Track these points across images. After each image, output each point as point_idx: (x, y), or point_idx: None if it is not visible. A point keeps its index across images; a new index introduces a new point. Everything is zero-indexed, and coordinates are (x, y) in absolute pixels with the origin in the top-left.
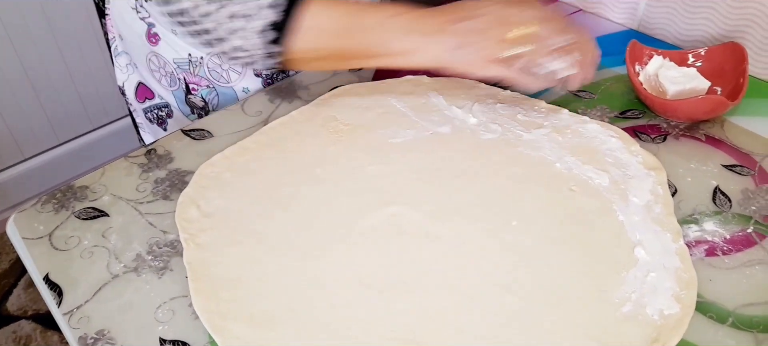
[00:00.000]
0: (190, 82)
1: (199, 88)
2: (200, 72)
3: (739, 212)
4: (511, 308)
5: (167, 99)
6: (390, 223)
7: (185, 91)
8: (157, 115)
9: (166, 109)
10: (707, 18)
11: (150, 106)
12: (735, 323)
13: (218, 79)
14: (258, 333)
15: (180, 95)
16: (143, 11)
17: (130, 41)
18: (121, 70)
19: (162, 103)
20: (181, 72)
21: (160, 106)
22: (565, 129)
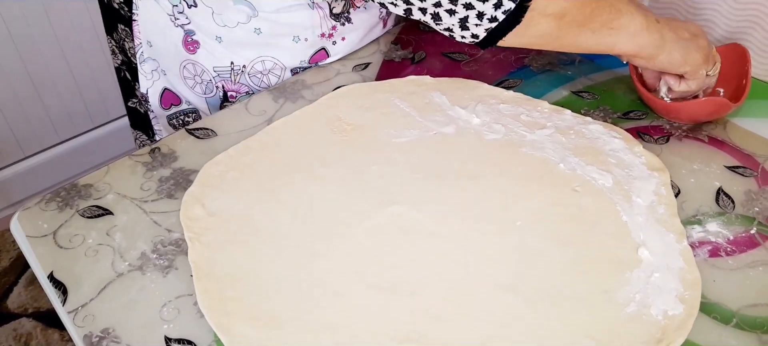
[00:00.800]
0: (229, 89)
1: (238, 95)
2: (241, 79)
3: (742, 213)
4: (515, 308)
5: (197, 104)
6: (394, 222)
7: (222, 99)
8: (184, 122)
9: (193, 113)
10: (710, 20)
11: (175, 113)
12: (739, 323)
13: (259, 84)
14: (263, 332)
15: (215, 102)
16: (182, 18)
17: (162, 48)
18: (146, 77)
19: (190, 109)
20: (220, 80)
21: (187, 112)
22: (568, 130)
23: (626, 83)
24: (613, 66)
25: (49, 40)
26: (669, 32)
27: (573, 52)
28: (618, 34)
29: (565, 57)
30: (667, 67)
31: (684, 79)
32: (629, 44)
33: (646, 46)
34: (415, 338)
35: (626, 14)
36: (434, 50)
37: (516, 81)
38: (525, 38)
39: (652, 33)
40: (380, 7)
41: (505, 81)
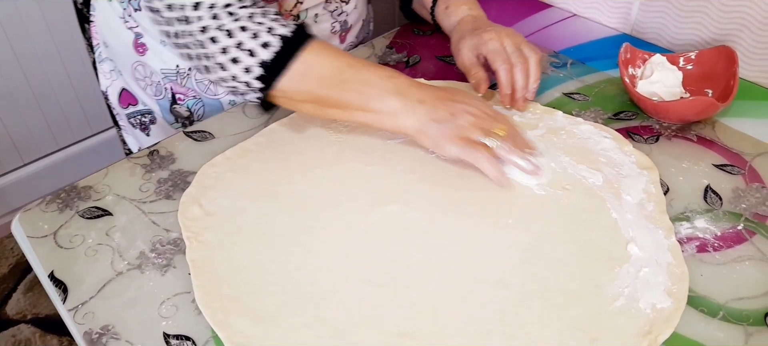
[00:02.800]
0: (176, 92)
1: (186, 98)
2: (188, 83)
3: (729, 210)
4: (507, 303)
5: (151, 106)
6: (389, 221)
7: (171, 101)
8: (141, 121)
9: (149, 115)
10: (699, 22)
11: (133, 112)
12: (726, 316)
13: (205, 90)
14: (260, 328)
15: (165, 104)
16: (131, 21)
17: (116, 49)
18: (105, 76)
19: (145, 109)
20: (168, 82)
21: (144, 113)
22: (559, 130)
23: (617, 85)
24: (605, 69)
25: (47, 48)
26: (425, 112)
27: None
28: (376, 115)
29: (557, 60)
30: (437, 143)
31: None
32: (391, 124)
33: (405, 126)
34: (410, 333)
35: (378, 100)
36: (428, 54)
37: None
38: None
39: (409, 114)
40: (332, 23)
41: None
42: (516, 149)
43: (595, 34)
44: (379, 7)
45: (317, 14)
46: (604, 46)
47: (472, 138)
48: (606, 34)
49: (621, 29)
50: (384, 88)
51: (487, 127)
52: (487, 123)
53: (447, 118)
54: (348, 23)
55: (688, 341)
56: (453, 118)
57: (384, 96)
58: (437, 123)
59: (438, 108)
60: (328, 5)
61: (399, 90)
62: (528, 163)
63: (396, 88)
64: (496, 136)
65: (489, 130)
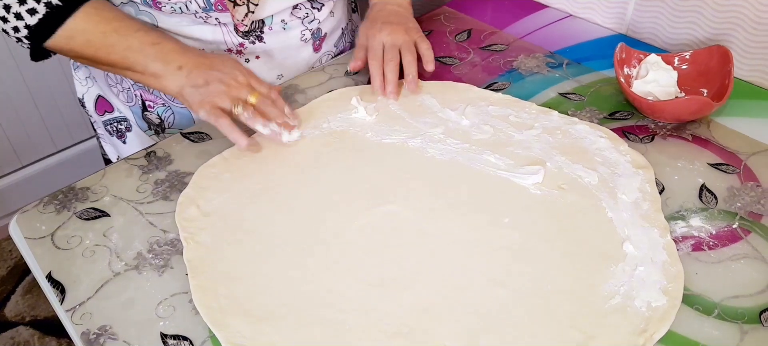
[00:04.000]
0: (146, 99)
1: (155, 106)
2: (155, 91)
3: (724, 209)
4: (503, 302)
5: (126, 114)
6: (385, 221)
7: (142, 108)
8: (117, 129)
9: (124, 122)
10: (693, 22)
11: (109, 120)
12: (721, 314)
13: (173, 100)
14: (257, 327)
15: (137, 111)
16: None
17: None
18: (81, 83)
19: (121, 116)
20: (137, 89)
21: (120, 120)
22: (555, 130)
23: (612, 85)
24: (600, 69)
25: None
26: (183, 77)
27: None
28: (141, 76)
29: (553, 60)
30: (192, 106)
31: None
32: (155, 85)
33: (166, 89)
34: (405, 332)
35: (141, 64)
36: None
37: (504, 83)
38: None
39: (170, 78)
40: (302, 30)
41: (494, 84)
42: (260, 117)
43: (590, 34)
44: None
45: (284, 20)
46: (600, 46)
47: (220, 105)
48: (601, 34)
49: (616, 29)
50: (146, 53)
51: (236, 95)
52: (237, 91)
53: (201, 85)
54: (322, 31)
55: (683, 339)
56: (206, 85)
57: (146, 61)
58: (194, 88)
59: (195, 75)
60: (296, 11)
61: (161, 56)
62: (268, 129)
63: (158, 54)
64: (244, 103)
65: (237, 98)
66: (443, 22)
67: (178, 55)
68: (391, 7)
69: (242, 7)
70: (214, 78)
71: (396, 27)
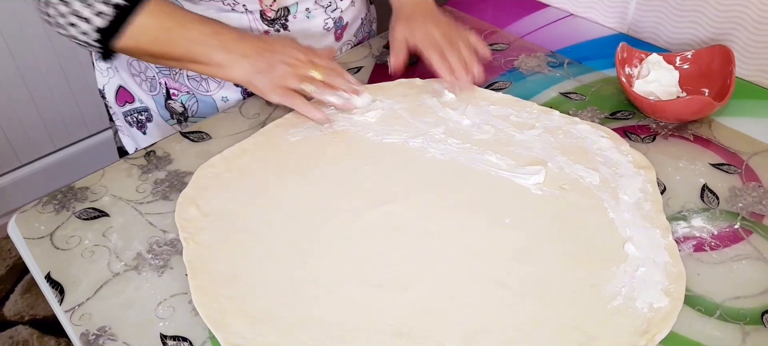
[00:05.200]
0: (170, 87)
1: (180, 93)
2: (180, 79)
3: (726, 209)
4: (504, 303)
5: (147, 103)
6: (385, 221)
7: (166, 96)
8: (137, 119)
9: (145, 113)
10: (695, 21)
11: (130, 110)
12: (723, 315)
13: (197, 87)
14: (257, 329)
15: (160, 100)
16: None
17: None
18: (102, 74)
19: (142, 107)
20: (163, 77)
21: (140, 110)
22: (556, 130)
23: (614, 84)
24: (601, 68)
25: (44, 49)
26: (249, 65)
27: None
28: (207, 66)
29: (554, 60)
30: (262, 91)
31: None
32: (222, 75)
33: (233, 77)
34: (406, 332)
35: (206, 56)
36: None
37: (505, 83)
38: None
39: (235, 67)
40: (325, 19)
41: (494, 83)
42: (329, 89)
43: (591, 33)
44: (377, 8)
45: (309, 9)
46: (601, 45)
47: (289, 86)
48: (603, 33)
49: (618, 29)
50: (210, 45)
51: (302, 73)
52: (302, 69)
53: (267, 69)
54: (343, 20)
55: (685, 341)
56: (272, 69)
57: (210, 52)
58: (260, 74)
59: (259, 61)
60: (320, 0)
61: (224, 46)
62: (339, 97)
63: (221, 44)
64: (311, 80)
65: (304, 76)
66: None
67: (239, 43)
68: (423, 4)
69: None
70: (278, 60)
71: (439, 21)
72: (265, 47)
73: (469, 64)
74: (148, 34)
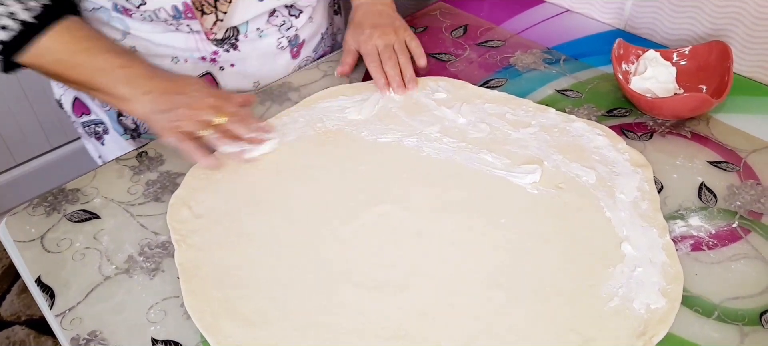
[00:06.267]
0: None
1: None
2: None
3: (724, 208)
4: (500, 303)
5: (101, 117)
6: (380, 222)
7: (117, 112)
8: (95, 131)
9: (102, 125)
10: (693, 17)
11: (87, 122)
12: (721, 316)
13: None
14: (249, 332)
15: (113, 115)
16: None
17: None
18: (58, 85)
19: (98, 119)
20: None
21: (97, 123)
22: (552, 128)
23: (610, 81)
24: (598, 65)
25: None
26: (150, 102)
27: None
28: (110, 98)
29: (550, 56)
30: (158, 132)
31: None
32: (123, 108)
33: (134, 113)
34: (402, 335)
35: (110, 86)
36: None
37: (501, 80)
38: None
39: (137, 103)
40: (279, 38)
41: (490, 81)
42: (227, 137)
43: (588, 29)
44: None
45: (260, 28)
46: (598, 41)
47: (185, 129)
48: (599, 29)
49: (614, 25)
50: (115, 76)
51: (203, 118)
52: (203, 115)
53: (167, 109)
54: (300, 38)
55: (682, 342)
56: (171, 110)
57: (113, 83)
58: (159, 113)
59: (161, 100)
60: (273, 19)
61: (129, 79)
62: (233, 147)
63: (126, 78)
64: (210, 126)
65: (204, 121)
66: (439, 17)
67: (146, 80)
68: (376, 8)
69: (210, 16)
70: (180, 103)
71: (386, 29)
72: (172, 88)
73: (403, 73)
74: (52, 55)
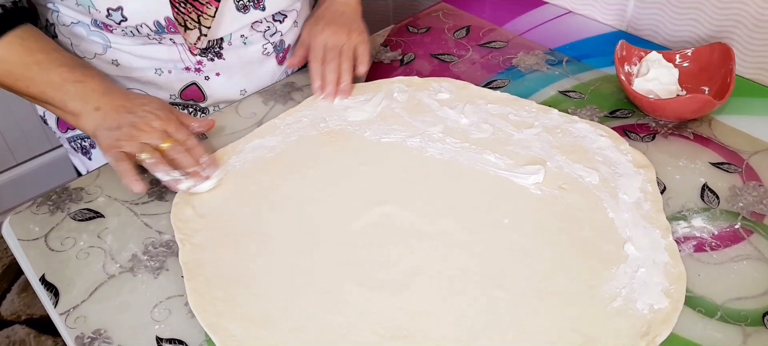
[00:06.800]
0: None
1: None
2: None
3: (726, 209)
4: (502, 304)
5: None
6: (382, 222)
7: None
8: (81, 145)
9: (88, 139)
10: (694, 19)
11: (73, 136)
12: (723, 316)
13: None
14: (253, 331)
15: None
16: (61, 37)
17: None
18: None
19: (84, 133)
20: None
21: (83, 137)
22: (555, 128)
23: (613, 82)
24: (600, 66)
25: None
26: (99, 118)
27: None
28: (61, 112)
29: (553, 57)
30: (103, 149)
31: None
32: (74, 123)
33: (84, 129)
34: (403, 335)
35: (60, 101)
36: (423, 52)
37: (504, 81)
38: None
39: (86, 119)
40: (264, 44)
41: (493, 82)
42: (163, 164)
43: (590, 31)
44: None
45: (244, 36)
46: (600, 43)
47: (125, 150)
48: (602, 31)
49: (617, 26)
50: (66, 91)
51: (145, 140)
52: (147, 137)
53: (113, 127)
54: (285, 43)
55: (685, 342)
56: (118, 129)
57: (65, 98)
58: (105, 130)
59: (109, 118)
60: (257, 25)
61: (81, 95)
62: (169, 176)
63: (79, 94)
64: (152, 149)
65: (145, 144)
66: (442, 18)
67: (99, 95)
68: (337, 7)
69: (194, 31)
70: (127, 122)
71: (339, 28)
72: (123, 106)
73: (340, 79)
74: (3, 65)
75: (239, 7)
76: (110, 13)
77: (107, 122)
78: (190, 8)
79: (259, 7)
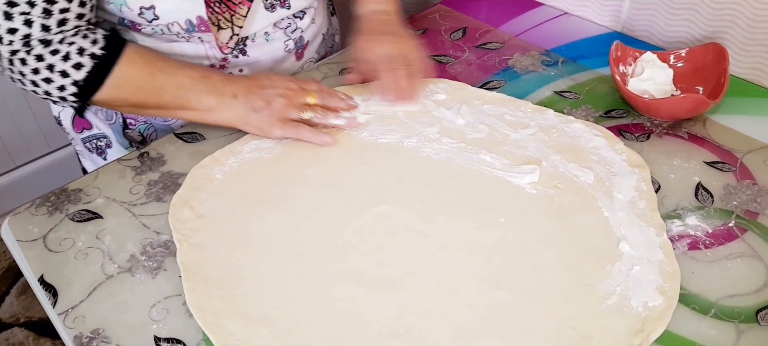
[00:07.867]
0: (127, 117)
1: (137, 123)
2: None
3: (721, 207)
4: (499, 302)
5: (105, 131)
6: (380, 222)
7: (123, 126)
8: (97, 146)
9: (104, 139)
10: (689, 19)
11: (89, 137)
12: (717, 313)
13: (154, 117)
14: (251, 330)
15: (117, 128)
16: None
17: None
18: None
19: (100, 133)
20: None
21: (99, 137)
22: (550, 129)
23: (608, 83)
24: (596, 67)
25: None
26: (242, 104)
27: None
28: (196, 112)
29: (548, 58)
30: (260, 131)
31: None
32: (213, 119)
33: (227, 120)
34: (401, 333)
35: (195, 100)
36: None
37: (500, 82)
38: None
39: (227, 109)
40: (286, 40)
41: (489, 82)
42: (329, 111)
43: (586, 32)
44: (341, 16)
45: (267, 33)
46: (596, 44)
47: (290, 117)
48: (597, 32)
49: (612, 27)
50: (198, 89)
51: (298, 101)
52: (297, 98)
53: (263, 106)
54: (304, 39)
55: (679, 339)
56: (268, 105)
57: (199, 96)
58: (256, 112)
59: (252, 99)
60: (279, 22)
61: (213, 88)
62: (342, 119)
63: (210, 87)
64: (308, 107)
65: (301, 104)
66: (438, 20)
67: (228, 84)
68: (381, 17)
69: (226, 30)
70: (272, 94)
71: (395, 37)
72: (254, 84)
73: (408, 83)
74: (132, 83)
75: (267, 6)
76: (142, 12)
77: (252, 104)
78: (223, 8)
79: (284, 5)
